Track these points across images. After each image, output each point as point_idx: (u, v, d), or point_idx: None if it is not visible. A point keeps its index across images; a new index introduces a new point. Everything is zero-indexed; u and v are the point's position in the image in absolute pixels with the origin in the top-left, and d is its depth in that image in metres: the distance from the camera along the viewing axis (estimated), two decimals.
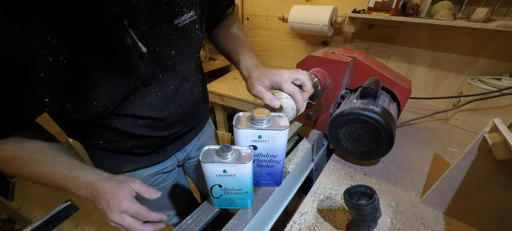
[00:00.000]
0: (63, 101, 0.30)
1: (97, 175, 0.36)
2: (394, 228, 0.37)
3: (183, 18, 0.36)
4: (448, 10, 0.64)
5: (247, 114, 0.36)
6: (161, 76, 0.37)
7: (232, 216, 0.37)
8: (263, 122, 0.33)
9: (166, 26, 0.34)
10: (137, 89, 0.36)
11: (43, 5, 0.24)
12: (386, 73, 0.50)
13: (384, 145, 0.41)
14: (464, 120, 0.67)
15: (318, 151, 0.59)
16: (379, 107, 0.41)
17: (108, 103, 0.33)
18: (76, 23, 0.26)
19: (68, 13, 0.25)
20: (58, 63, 0.26)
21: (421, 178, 0.48)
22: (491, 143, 0.29)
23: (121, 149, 0.44)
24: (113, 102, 0.34)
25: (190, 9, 0.36)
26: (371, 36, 0.91)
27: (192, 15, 0.37)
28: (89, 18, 0.26)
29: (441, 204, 0.39)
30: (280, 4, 1.07)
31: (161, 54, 0.36)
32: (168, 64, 0.37)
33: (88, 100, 0.31)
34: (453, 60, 0.77)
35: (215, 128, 0.71)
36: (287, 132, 0.33)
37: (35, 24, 0.24)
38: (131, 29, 0.30)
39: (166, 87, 0.39)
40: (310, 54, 0.52)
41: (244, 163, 0.29)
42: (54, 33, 0.25)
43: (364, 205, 0.30)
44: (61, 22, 0.25)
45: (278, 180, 0.41)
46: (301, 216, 0.39)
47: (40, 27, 0.24)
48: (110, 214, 0.35)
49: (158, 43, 0.34)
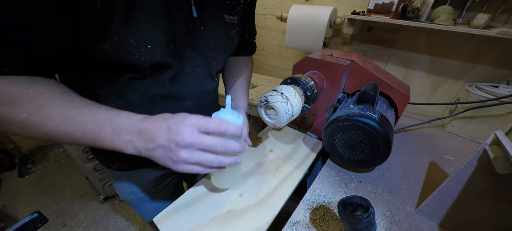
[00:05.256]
0: (103, 33, 0.26)
1: (139, 116, 0.30)
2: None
3: (231, 17, 0.40)
4: (449, 15, 0.63)
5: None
6: (193, 54, 0.37)
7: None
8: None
9: (218, 13, 0.38)
10: (168, 53, 0.33)
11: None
12: (384, 78, 0.49)
13: (381, 154, 0.39)
14: (461, 127, 0.67)
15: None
16: (376, 114, 0.39)
17: (143, 50, 0.30)
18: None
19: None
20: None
21: (416, 186, 0.47)
22: (493, 156, 0.28)
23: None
24: (147, 54, 0.31)
25: (235, 13, 0.41)
26: (370, 38, 0.89)
27: (235, 20, 0.42)
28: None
29: (436, 215, 0.38)
30: (278, 3, 1.04)
31: (204, 33, 0.37)
32: (203, 46, 0.38)
33: (128, 37, 0.28)
34: (451, 66, 0.77)
35: None
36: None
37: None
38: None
39: (191, 69, 0.39)
40: (307, 56, 0.50)
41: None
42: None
43: (360, 219, 0.28)
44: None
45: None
46: (293, 226, 0.37)
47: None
48: (176, 153, 0.27)
49: (206, 22, 0.36)
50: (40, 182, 1.48)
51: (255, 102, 0.92)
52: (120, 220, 1.24)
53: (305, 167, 0.50)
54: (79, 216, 1.24)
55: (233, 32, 0.43)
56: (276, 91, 0.39)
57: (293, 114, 0.39)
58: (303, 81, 0.43)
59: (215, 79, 0.46)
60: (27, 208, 1.30)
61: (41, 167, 1.60)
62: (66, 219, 1.22)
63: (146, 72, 0.33)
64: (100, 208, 1.29)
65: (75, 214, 1.25)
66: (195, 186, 0.44)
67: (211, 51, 0.40)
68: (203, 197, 0.42)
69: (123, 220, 1.24)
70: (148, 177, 0.50)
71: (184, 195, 0.42)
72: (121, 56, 0.29)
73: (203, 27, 0.37)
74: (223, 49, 0.43)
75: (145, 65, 0.32)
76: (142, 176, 0.49)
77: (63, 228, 1.18)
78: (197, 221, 0.37)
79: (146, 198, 0.52)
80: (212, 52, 0.40)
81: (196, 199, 0.41)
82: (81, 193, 1.39)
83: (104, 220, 1.22)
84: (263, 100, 0.39)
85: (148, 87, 0.36)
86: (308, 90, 0.43)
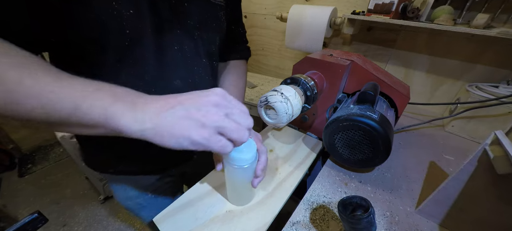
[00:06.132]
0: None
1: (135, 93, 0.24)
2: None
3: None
4: (449, 15, 0.63)
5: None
6: (178, 31, 0.36)
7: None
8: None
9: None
10: (152, 25, 0.31)
11: None
12: (384, 78, 0.48)
13: (381, 154, 0.39)
14: (461, 127, 0.67)
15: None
16: (376, 114, 0.39)
17: (125, 15, 0.27)
18: None
19: None
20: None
21: (417, 186, 0.47)
22: (493, 156, 0.28)
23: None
24: (129, 19, 0.27)
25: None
26: (370, 38, 0.89)
27: (222, 2, 0.41)
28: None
29: (437, 215, 0.38)
30: (278, 3, 1.04)
31: (188, 11, 0.35)
32: (188, 23, 0.37)
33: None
34: (451, 66, 0.77)
35: None
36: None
37: None
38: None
39: (179, 47, 0.37)
40: (307, 56, 0.50)
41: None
42: None
43: (360, 219, 0.28)
44: None
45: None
46: (293, 226, 0.37)
47: None
48: (207, 112, 0.22)
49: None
50: (40, 182, 1.48)
51: (255, 102, 0.92)
52: (120, 220, 1.24)
53: (305, 167, 0.50)
54: (79, 216, 1.24)
55: (220, 13, 0.42)
56: (276, 91, 0.39)
57: (293, 114, 0.39)
58: (303, 81, 0.43)
59: (203, 59, 0.42)
60: (27, 208, 1.30)
61: (41, 167, 1.60)
62: (66, 219, 1.22)
63: (130, 48, 0.30)
64: (100, 208, 1.29)
65: (75, 214, 1.25)
66: (195, 186, 0.44)
67: (197, 30, 0.38)
68: (203, 197, 0.42)
69: (123, 220, 1.24)
70: (144, 182, 0.49)
71: (184, 195, 0.42)
72: (102, 21, 0.26)
73: (187, 4, 0.35)
74: (209, 29, 0.41)
75: (128, 39, 0.29)
76: (138, 180, 0.48)
77: (63, 228, 1.18)
78: (197, 221, 0.37)
79: (144, 203, 0.51)
80: (198, 31, 0.38)
81: (196, 199, 0.41)
82: (81, 193, 1.39)
83: (104, 220, 1.22)
84: (263, 100, 0.39)
85: (134, 68, 0.33)
86: (308, 90, 0.43)
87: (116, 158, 0.43)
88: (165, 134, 0.21)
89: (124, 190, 0.49)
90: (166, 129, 0.21)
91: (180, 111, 0.21)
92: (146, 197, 0.51)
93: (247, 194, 0.40)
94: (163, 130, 0.21)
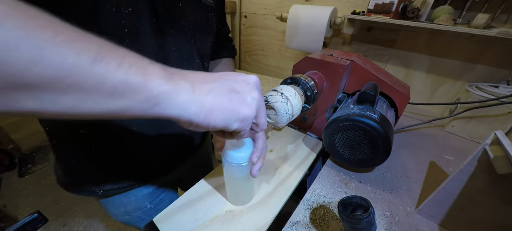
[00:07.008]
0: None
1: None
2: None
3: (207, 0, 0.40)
4: (449, 15, 0.63)
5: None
6: (173, 31, 0.36)
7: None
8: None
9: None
10: (150, 24, 0.32)
11: None
12: (384, 78, 0.49)
13: (381, 154, 0.39)
14: (461, 127, 0.67)
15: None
16: (376, 114, 0.39)
17: (123, 12, 0.27)
18: None
19: None
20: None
21: (417, 186, 0.47)
22: (493, 156, 0.28)
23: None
24: (127, 17, 0.27)
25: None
26: (370, 38, 0.89)
27: (212, 3, 0.42)
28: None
29: (437, 215, 0.38)
30: (278, 3, 1.04)
31: (182, 11, 0.36)
32: (183, 24, 0.37)
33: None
34: (451, 65, 0.77)
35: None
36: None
37: None
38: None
39: (176, 47, 0.37)
40: (307, 56, 0.50)
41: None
42: None
43: (360, 219, 0.28)
44: None
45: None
46: (293, 226, 0.37)
47: None
48: (251, 90, 0.20)
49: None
50: (40, 182, 1.48)
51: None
52: None
53: (305, 167, 0.50)
54: (79, 216, 1.24)
55: (211, 15, 0.43)
56: (276, 91, 0.39)
57: (293, 115, 0.39)
58: (303, 81, 0.43)
59: (197, 60, 0.42)
60: (27, 208, 1.30)
61: (41, 167, 1.60)
62: (66, 219, 1.22)
63: (130, 48, 0.29)
64: (100, 208, 1.29)
65: (75, 214, 1.25)
66: (195, 186, 0.44)
67: (191, 31, 0.39)
68: (203, 197, 0.42)
69: None
70: (141, 193, 0.47)
71: (184, 195, 0.42)
72: (102, 20, 0.26)
73: (181, 4, 0.36)
74: (203, 29, 0.42)
75: (127, 39, 0.29)
76: (134, 193, 0.46)
77: (63, 228, 1.18)
78: (197, 221, 0.37)
79: (143, 216, 0.49)
80: (191, 31, 0.39)
81: (196, 199, 0.41)
82: None
83: (104, 220, 1.22)
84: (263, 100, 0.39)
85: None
86: (308, 90, 0.43)
87: (103, 173, 0.41)
88: (214, 108, 0.18)
89: (121, 205, 0.47)
90: (213, 102, 0.18)
91: (225, 84, 0.19)
92: (144, 207, 0.48)
93: (246, 193, 0.40)
94: (209, 103, 0.18)
